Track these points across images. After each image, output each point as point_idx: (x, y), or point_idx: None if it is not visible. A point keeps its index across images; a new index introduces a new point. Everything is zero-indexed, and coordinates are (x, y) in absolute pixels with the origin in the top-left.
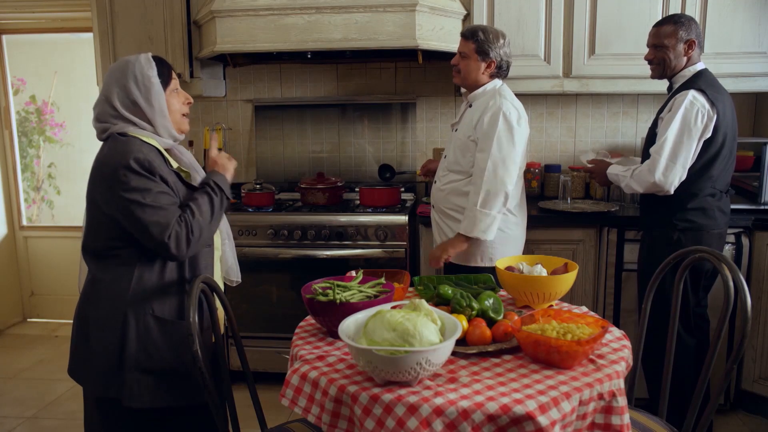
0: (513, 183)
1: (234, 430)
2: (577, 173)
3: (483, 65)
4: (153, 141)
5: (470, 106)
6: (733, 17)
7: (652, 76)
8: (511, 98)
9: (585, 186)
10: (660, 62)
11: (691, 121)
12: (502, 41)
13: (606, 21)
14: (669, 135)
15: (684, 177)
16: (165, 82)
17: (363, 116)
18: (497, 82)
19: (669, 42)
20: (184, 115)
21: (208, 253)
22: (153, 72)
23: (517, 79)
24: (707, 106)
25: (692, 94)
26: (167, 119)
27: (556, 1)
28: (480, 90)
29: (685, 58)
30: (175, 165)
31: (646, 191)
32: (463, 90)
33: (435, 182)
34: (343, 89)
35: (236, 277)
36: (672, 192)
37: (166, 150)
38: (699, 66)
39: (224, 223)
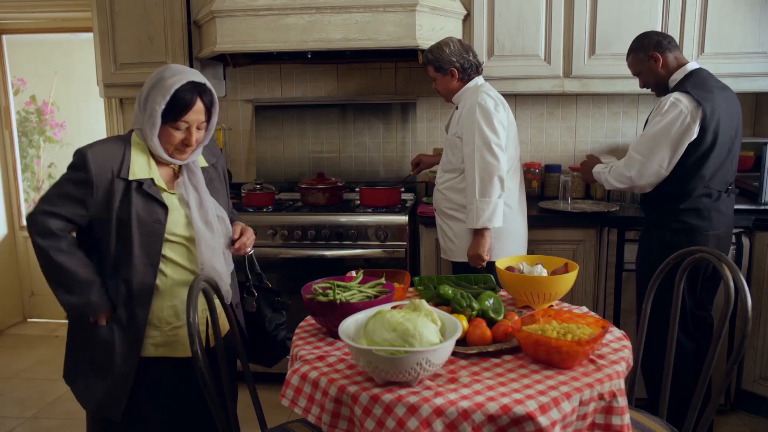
0: (504, 167)
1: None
2: (577, 173)
3: (448, 77)
4: (142, 145)
5: (457, 108)
6: (733, 17)
7: (657, 96)
8: (488, 90)
9: (585, 186)
10: (649, 85)
11: (671, 122)
12: (448, 48)
13: (606, 21)
14: (647, 133)
15: (663, 176)
16: (173, 118)
17: (363, 116)
18: (478, 80)
19: (637, 68)
20: (177, 149)
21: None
22: (159, 107)
23: (517, 79)
24: (690, 107)
25: (675, 96)
26: (154, 143)
27: (556, 1)
28: (462, 91)
29: (662, 69)
30: (136, 175)
31: (624, 187)
32: None
33: (434, 186)
34: (343, 89)
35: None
36: (649, 190)
37: (179, 166)
38: (691, 66)
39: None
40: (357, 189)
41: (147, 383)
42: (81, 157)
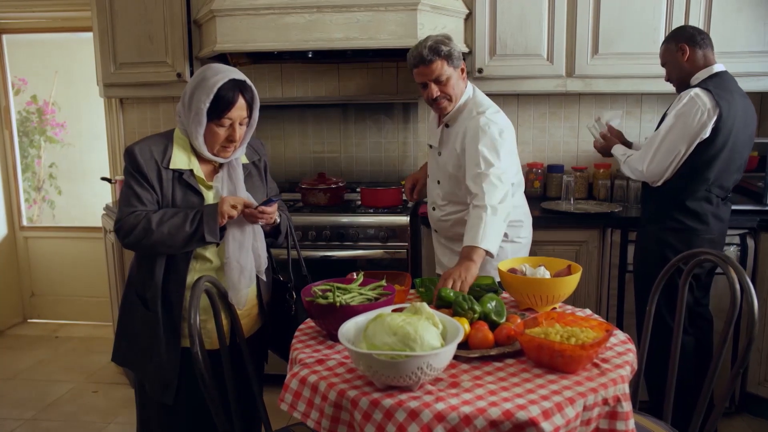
0: (509, 187)
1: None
2: (580, 173)
3: (459, 72)
4: (184, 141)
5: (447, 126)
6: (737, 17)
7: (678, 92)
8: (488, 105)
9: (588, 186)
10: (672, 78)
11: (688, 117)
12: (451, 41)
13: (609, 20)
14: (663, 128)
15: (674, 171)
16: (217, 116)
17: (364, 116)
18: (468, 90)
19: (665, 59)
20: (222, 146)
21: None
22: (204, 106)
23: (519, 79)
24: (708, 104)
25: (695, 92)
26: (199, 141)
27: (559, 0)
28: (455, 108)
29: (686, 63)
30: (177, 165)
31: (636, 179)
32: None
33: (434, 209)
34: (345, 89)
35: (235, 301)
36: (660, 183)
37: (219, 164)
38: (717, 68)
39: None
40: (358, 189)
41: (190, 372)
42: (129, 152)
